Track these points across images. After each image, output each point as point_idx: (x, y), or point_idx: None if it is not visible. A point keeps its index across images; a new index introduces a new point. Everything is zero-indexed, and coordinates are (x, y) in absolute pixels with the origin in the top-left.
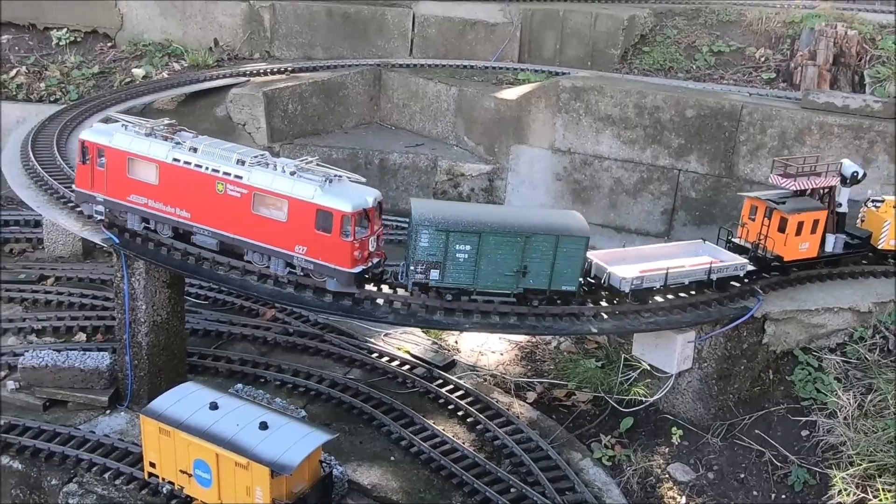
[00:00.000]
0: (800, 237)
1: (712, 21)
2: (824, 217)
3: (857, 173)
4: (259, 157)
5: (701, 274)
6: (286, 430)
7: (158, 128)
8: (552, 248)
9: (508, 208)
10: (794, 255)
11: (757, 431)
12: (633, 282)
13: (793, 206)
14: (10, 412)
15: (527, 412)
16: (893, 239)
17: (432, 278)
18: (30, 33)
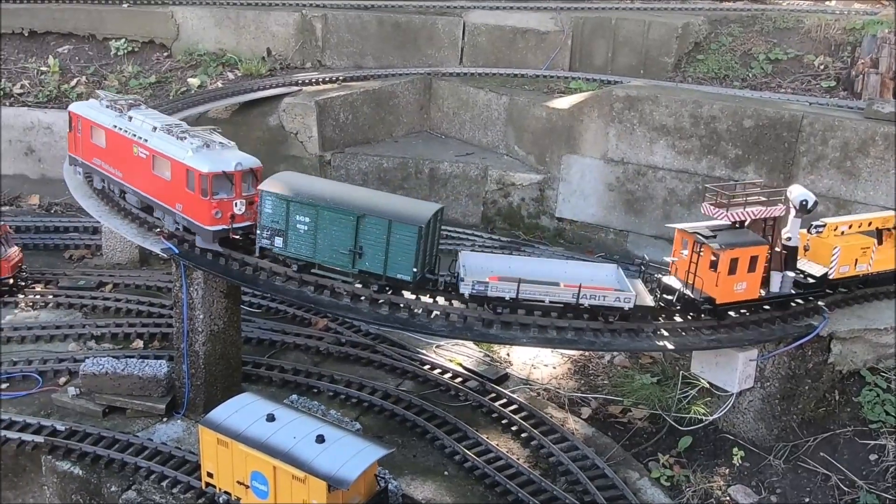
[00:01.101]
0: (734, 276)
1: (769, 28)
2: (764, 253)
3: (807, 202)
4: (172, 126)
5: (567, 296)
6: (343, 443)
7: (118, 102)
8: (385, 232)
9: (365, 190)
10: (728, 297)
11: (822, 454)
12: (473, 286)
13: (726, 240)
14: (71, 418)
15: (582, 428)
16: (846, 265)
17: (276, 246)
18: (89, 44)
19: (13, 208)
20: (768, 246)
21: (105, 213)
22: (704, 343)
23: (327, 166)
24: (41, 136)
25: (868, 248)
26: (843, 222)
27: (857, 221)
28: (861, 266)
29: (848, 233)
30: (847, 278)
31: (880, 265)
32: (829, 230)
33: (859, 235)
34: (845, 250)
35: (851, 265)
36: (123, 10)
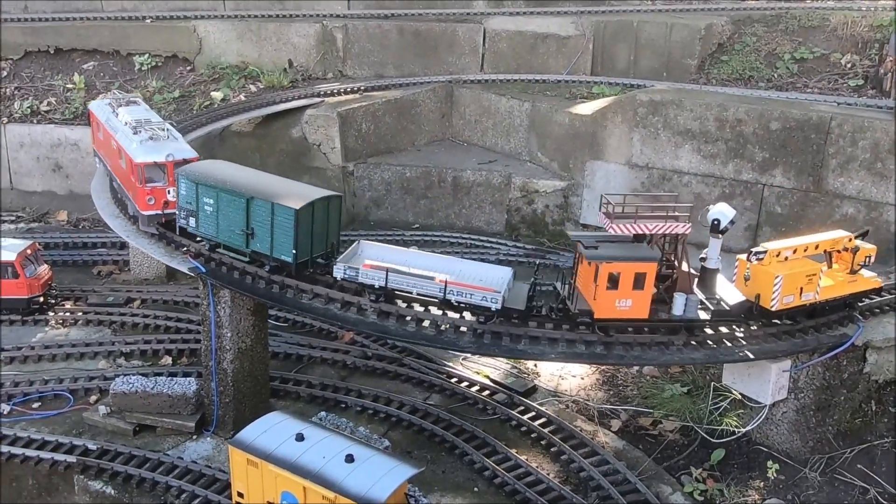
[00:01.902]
0: (616, 292)
1: (793, 27)
2: (653, 271)
3: (718, 221)
4: (142, 121)
5: (434, 289)
6: (372, 462)
7: (116, 99)
8: (269, 214)
9: (270, 176)
10: (607, 313)
11: (859, 466)
12: (345, 271)
13: (609, 252)
14: (102, 436)
15: (612, 441)
16: (790, 295)
17: (191, 225)
18: (114, 59)
19: (42, 224)
20: (656, 263)
21: (132, 232)
22: (736, 356)
23: (350, 177)
24: (68, 153)
25: (815, 275)
26: (788, 247)
27: (804, 245)
28: (807, 294)
29: (793, 258)
30: (793, 309)
31: (830, 292)
32: (770, 257)
33: (806, 261)
34: (788, 279)
35: (796, 294)
36: (147, 26)
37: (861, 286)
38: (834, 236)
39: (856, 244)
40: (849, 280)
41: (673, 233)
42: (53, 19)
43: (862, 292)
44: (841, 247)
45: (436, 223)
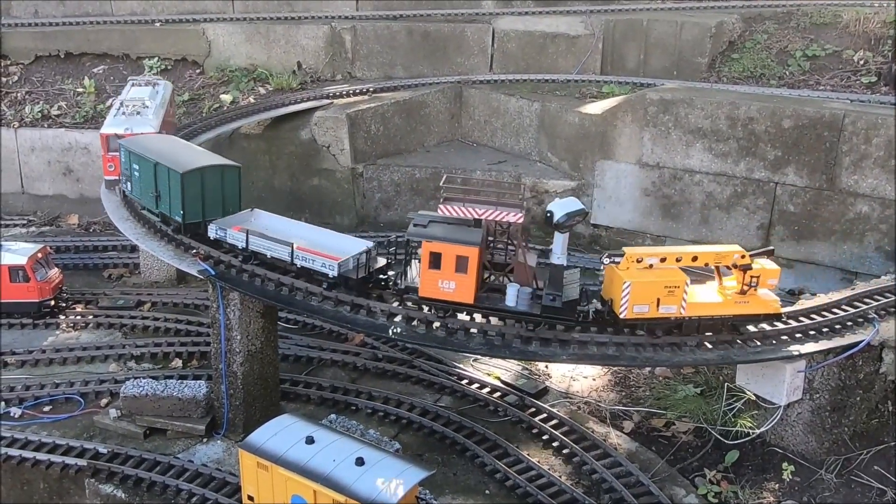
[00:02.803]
0: (438, 272)
1: (805, 24)
2: (476, 256)
3: (551, 214)
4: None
5: (284, 253)
6: (382, 465)
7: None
8: (167, 178)
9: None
10: (431, 293)
11: (876, 467)
12: (216, 231)
13: (430, 231)
14: (113, 440)
15: (624, 443)
16: (644, 305)
17: (128, 189)
18: (123, 63)
19: (53, 228)
20: (479, 249)
21: (141, 235)
22: (750, 357)
23: (359, 178)
24: (79, 157)
25: (677, 288)
26: (654, 254)
27: (677, 255)
28: (667, 307)
29: (659, 266)
30: (648, 320)
31: (704, 310)
32: (628, 260)
33: (672, 272)
34: (640, 287)
35: (652, 305)
36: (156, 29)
37: (751, 309)
38: (721, 250)
39: (749, 262)
40: (737, 300)
41: (502, 220)
42: (63, 23)
43: (751, 315)
44: (730, 263)
45: None
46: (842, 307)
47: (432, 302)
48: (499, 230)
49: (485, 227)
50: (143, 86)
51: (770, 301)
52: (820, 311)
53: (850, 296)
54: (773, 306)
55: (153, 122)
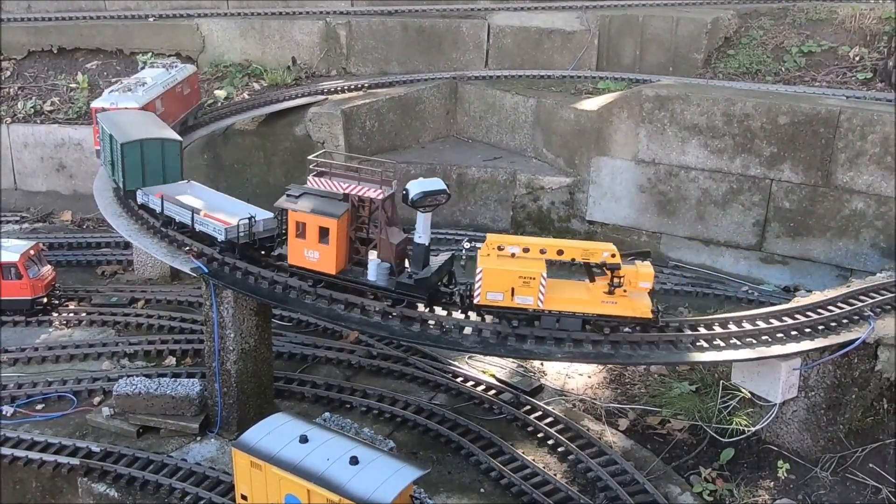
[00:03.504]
0: (304, 241)
1: (801, 20)
2: (335, 228)
3: (407, 192)
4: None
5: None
6: (377, 464)
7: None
8: (117, 148)
9: (154, 122)
10: (297, 261)
11: (871, 465)
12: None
13: (301, 203)
14: (106, 439)
15: (620, 441)
16: (498, 293)
17: (101, 159)
18: (117, 58)
19: (46, 224)
20: (337, 221)
21: (134, 231)
22: (746, 355)
23: None
24: (72, 153)
25: (533, 280)
26: (517, 242)
27: (541, 246)
28: (523, 298)
29: (521, 256)
30: (504, 308)
31: (564, 305)
32: (488, 247)
33: (532, 263)
34: (492, 274)
35: (507, 294)
36: (150, 24)
37: (618, 310)
38: (590, 246)
39: (618, 262)
40: (603, 300)
41: (364, 196)
42: (56, 19)
43: (615, 317)
44: (598, 260)
45: (441, 221)
46: (837, 304)
47: (300, 270)
48: (362, 205)
49: (351, 202)
50: (157, 67)
51: (640, 304)
52: (815, 309)
53: (845, 293)
54: (642, 310)
55: (141, 98)
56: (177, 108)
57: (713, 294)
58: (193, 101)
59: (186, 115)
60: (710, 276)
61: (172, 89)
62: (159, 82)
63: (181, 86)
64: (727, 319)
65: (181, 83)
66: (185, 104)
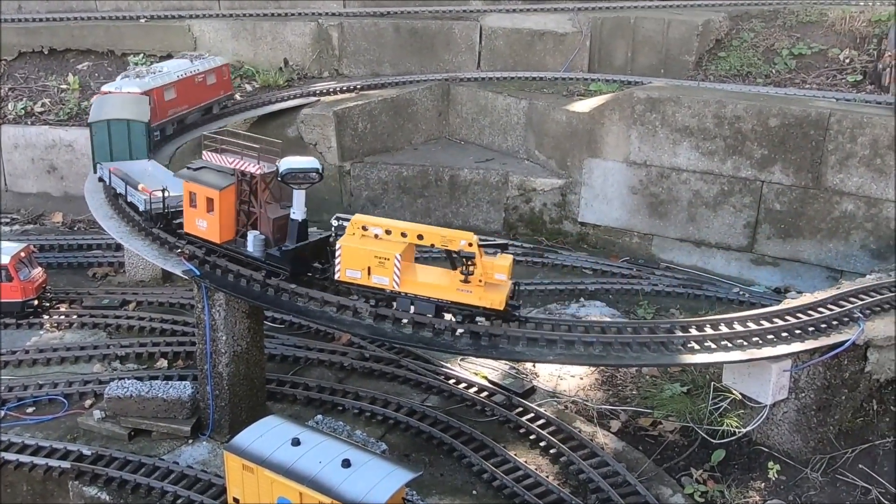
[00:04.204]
0: (195, 210)
1: (791, 22)
2: (219, 199)
3: (278, 168)
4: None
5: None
6: (369, 467)
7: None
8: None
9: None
10: (190, 229)
11: (861, 466)
12: (100, 170)
13: (194, 175)
14: (97, 442)
15: (611, 442)
16: (356, 270)
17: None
18: (108, 60)
19: (37, 227)
20: (219, 192)
21: (125, 234)
22: (737, 357)
23: (347, 176)
24: (63, 154)
25: (388, 261)
26: (381, 224)
27: (403, 230)
28: (380, 278)
29: (384, 237)
30: (362, 286)
31: (417, 288)
32: (354, 226)
33: (390, 244)
34: (350, 252)
35: (364, 273)
36: (141, 25)
37: (471, 299)
38: (449, 234)
39: (473, 251)
40: (458, 288)
41: (245, 170)
42: (47, 19)
43: (468, 305)
44: (456, 248)
45: (433, 222)
46: (827, 306)
47: (192, 238)
48: (246, 180)
49: (237, 176)
50: (182, 58)
51: (494, 295)
52: (805, 311)
53: (835, 295)
54: (494, 301)
55: (146, 84)
56: (194, 96)
57: (704, 295)
58: (220, 91)
59: (210, 103)
60: (702, 277)
61: (190, 78)
62: (174, 71)
63: (203, 75)
64: (718, 321)
65: (203, 73)
66: (206, 93)
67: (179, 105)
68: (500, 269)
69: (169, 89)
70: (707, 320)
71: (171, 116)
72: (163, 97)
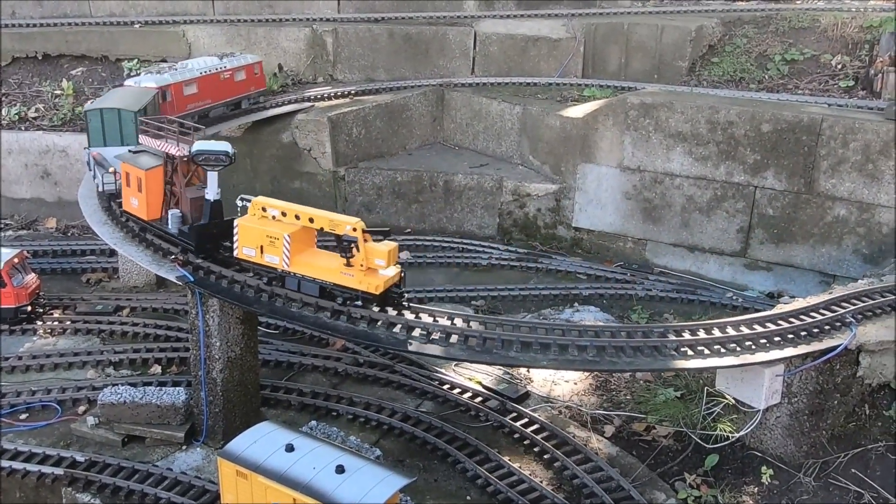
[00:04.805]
0: (130, 189)
1: (784, 28)
2: (144, 179)
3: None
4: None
5: (90, 166)
6: (363, 473)
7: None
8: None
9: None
10: (127, 207)
11: (853, 471)
12: (86, 154)
13: (129, 156)
14: (91, 448)
15: (605, 448)
16: (251, 249)
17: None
18: (102, 65)
19: (31, 232)
20: (144, 172)
21: (119, 239)
22: (731, 362)
23: (341, 182)
24: (57, 160)
25: (277, 240)
26: (277, 206)
27: (296, 212)
28: (271, 257)
29: (280, 219)
30: (257, 265)
31: (306, 269)
32: (254, 207)
33: (282, 225)
34: (245, 230)
35: (258, 251)
36: (135, 31)
37: (352, 283)
38: (337, 218)
39: (354, 236)
40: (342, 271)
41: (167, 152)
42: (41, 25)
43: (349, 288)
44: (342, 232)
45: (427, 227)
46: (819, 311)
47: (128, 215)
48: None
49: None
50: (215, 56)
51: (372, 280)
52: (798, 315)
53: (827, 300)
54: (371, 285)
55: (162, 79)
56: (219, 92)
57: (698, 300)
58: (250, 87)
59: (239, 99)
60: (696, 282)
61: (215, 75)
62: (197, 67)
63: (230, 72)
64: (711, 325)
65: (230, 70)
66: (234, 89)
67: (201, 99)
68: (380, 255)
69: (190, 84)
70: (700, 325)
71: (191, 110)
72: (181, 92)
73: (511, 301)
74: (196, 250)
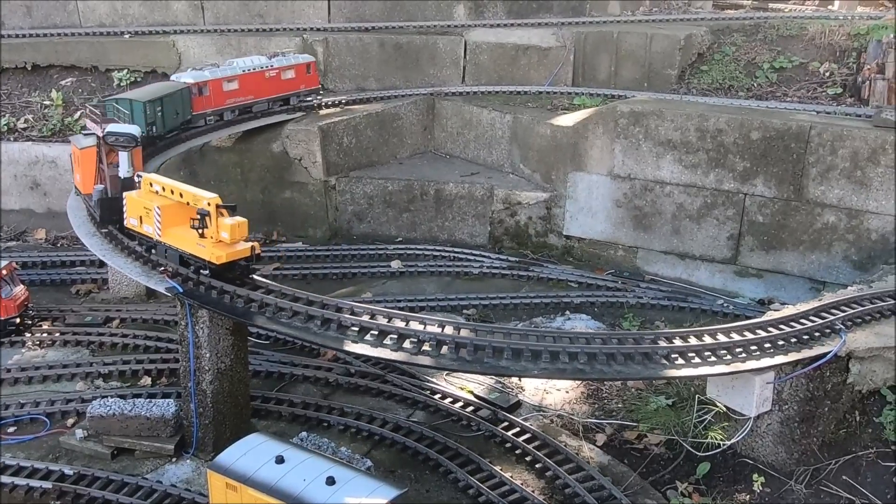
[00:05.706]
0: (80, 167)
1: (772, 36)
2: (79, 156)
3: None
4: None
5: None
6: (353, 484)
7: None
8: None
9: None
10: (78, 183)
11: (844, 477)
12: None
13: (78, 138)
14: (80, 461)
15: (597, 456)
16: (134, 219)
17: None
18: (92, 75)
19: (20, 243)
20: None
21: (108, 251)
22: (721, 370)
23: (332, 191)
24: (46, 170)
25: (150, 212)
26: (160, 183)
27: (172, 188)
28: (147, 227)
29: (162, 194)
30: (138, 233)
31: (174, 241)
32: (145, 183)
33: (158, 199)
34: (130, 202)
35: (139, 221)
36: (125, 41)
37: (203, 253)
38: (200, 194)
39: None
40: (198, 242)
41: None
42: (30, 35)
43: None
44: (201, 206)
45: (419, 237)
46: (809, 318)
47: (77, 189)
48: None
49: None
50: (262, 56)
51: (217, 251)
52: (788, 322)
53: (817, 306)
54: (214, 255)
55: (201, 76)
56: (263, 89)
57: (689, 307)
58: (300, 85)
59: (287, 95)
60: (686, 289)
61: (260, 73)
62: (240, 66)
63: (277, 71)
64: (702, 332)
65: (277, 69)
66: (280, 86)
67: (243, 95)
68: (224, 229)
69: (231, 81)
70: (691, 331)
71: (230, 105)
72: (220, 87)
73: (503, 309)
74: (101, 221)
